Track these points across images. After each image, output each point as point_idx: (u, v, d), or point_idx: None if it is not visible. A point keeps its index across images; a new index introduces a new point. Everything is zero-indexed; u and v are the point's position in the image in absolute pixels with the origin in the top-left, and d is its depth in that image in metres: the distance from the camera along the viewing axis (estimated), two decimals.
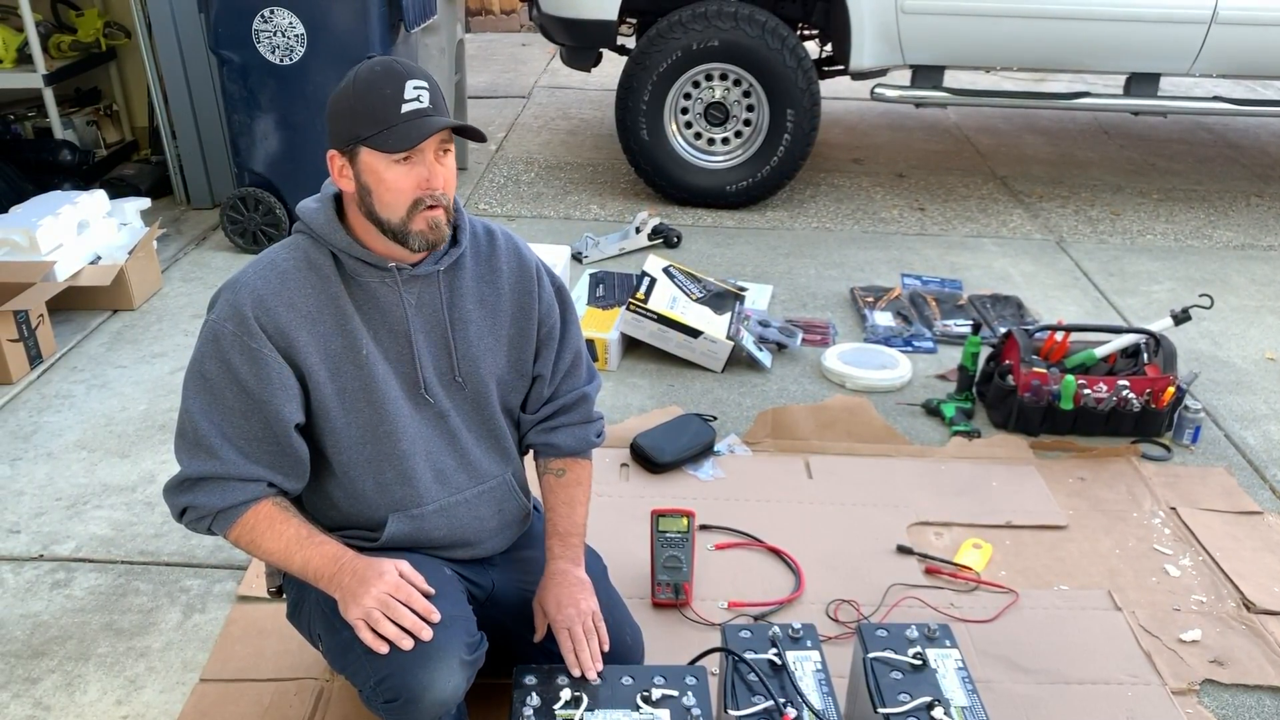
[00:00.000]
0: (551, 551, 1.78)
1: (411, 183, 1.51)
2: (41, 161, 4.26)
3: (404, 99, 1.48)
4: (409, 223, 1.53)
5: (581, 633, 1.66)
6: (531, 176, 4.99)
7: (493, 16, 8.51)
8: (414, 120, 1.48)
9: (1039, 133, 5.95)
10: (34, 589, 2.26)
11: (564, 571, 1.75)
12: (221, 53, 3.69)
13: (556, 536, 1.79)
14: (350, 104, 1.50)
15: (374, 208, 1.53)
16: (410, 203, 1.52)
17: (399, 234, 1.54)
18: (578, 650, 1.65)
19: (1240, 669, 2.11)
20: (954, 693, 1.59)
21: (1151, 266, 4.16)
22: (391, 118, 1.48)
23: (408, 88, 1.48)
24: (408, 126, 1.48)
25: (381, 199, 1.52)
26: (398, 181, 1.51)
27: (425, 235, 1.54)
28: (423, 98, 1.49)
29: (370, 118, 1.48)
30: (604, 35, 4.48)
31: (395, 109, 1.48)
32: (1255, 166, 5.44)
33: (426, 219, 1.53)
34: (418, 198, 1.52)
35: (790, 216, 4.56)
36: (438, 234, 1.55)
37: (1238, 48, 4.31)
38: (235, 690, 1.98)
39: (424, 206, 1.52)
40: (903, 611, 2.23)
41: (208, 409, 1.55)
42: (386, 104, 1.48)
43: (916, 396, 3.11)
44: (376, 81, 1.50)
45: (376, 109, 1.48)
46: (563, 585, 1.73)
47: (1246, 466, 2.82)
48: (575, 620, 1.68)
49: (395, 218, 1.53)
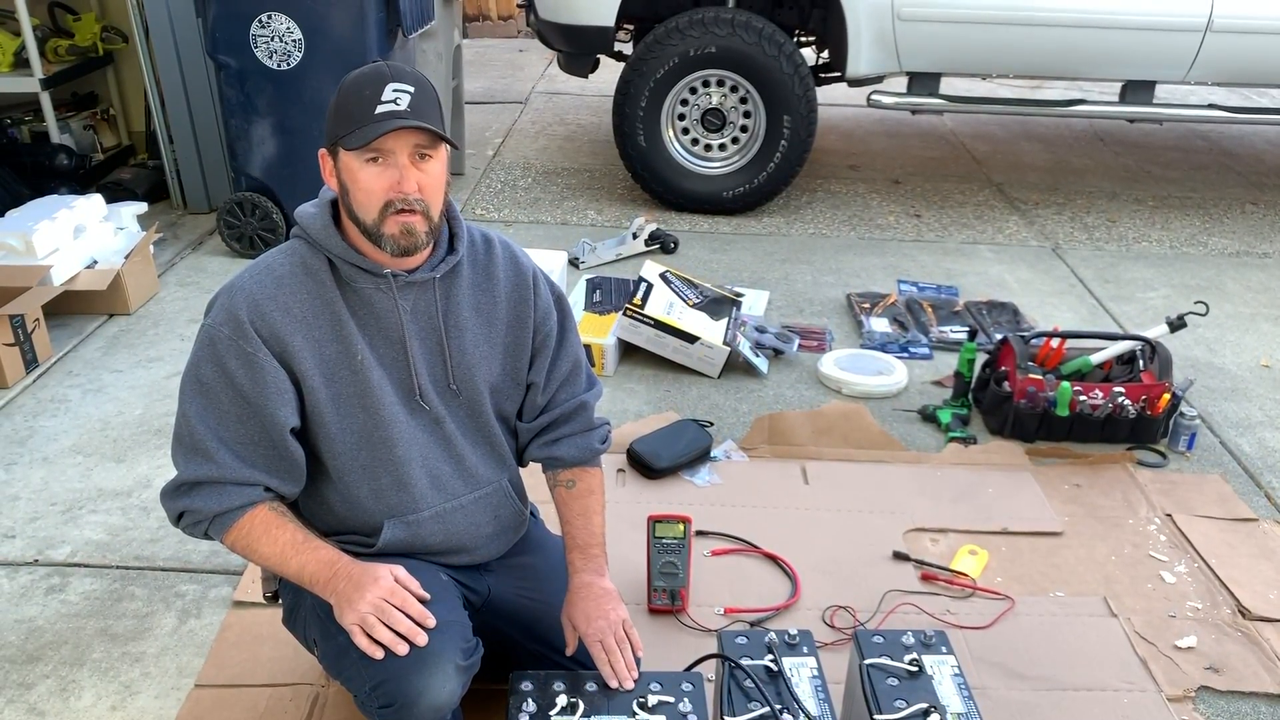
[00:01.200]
0: (573, 565, 1.78)
1: (383, 184, 1.51)
2: (38, 165, 4.25)
3: (380, 99, 1.48)
4: (381, 225, 1.52)
5: (614, 643, 1.66)
6: (528, 182, 4.99)
7: (490, 22, 8.52)
8: (382, 120, 1.47)
9: (1035, 140, 5.96)
10: (29, 594, 2.26)
11: (589, 584, 1.74)
12: (219, 57, 3.69)
13: (577, 550, 1.78)
14: (335, 103, 1.52)
15: (351, 207, 1.54)
16: (381, 204, 1.51)
17: (373, 236, 1.54)
18: (612, 661, 1.64)
19: (1236, 676, 2.11)
20: (950, 699, 1.59)
21: (1147, 273, 4.17)
22: (364, 117, 1.48)
23: (387, 90, 1.48)
24: (374, 125, 1.48)
25: (356, 199, 1.53)
26: (369, 182, 1.51)
27: (397, 239, 1.53)
28: (400, 100, 1.48)
29: (348, 117, 1.49)
30: (601, 41, 4.49)
31: (370, 109, 1.48)
32: (1250, 174, 5.46)
33: (398, 223, 1.52)
34: (388, 200, 1.51)
35: (787, 222, 4.57)
36: (410, 240, 1.53)
37: (1233, 55, 4.32)
38: (230, 696, 1.97)
39: (394, 210, 1.51)
40: (899, 618, 2.23)
41: (204, 413, 1.55)
42: (363, 104, 1.48)
43: (913, 403, 3.11)
44: (361, 82, 1.50)
45: (354, 108, 1.49)
46: (589, 598, 1.72)
47: (1242, 473, 2.83)
48: (607, 632, 1.67)
49: (369, 219, 1.53)
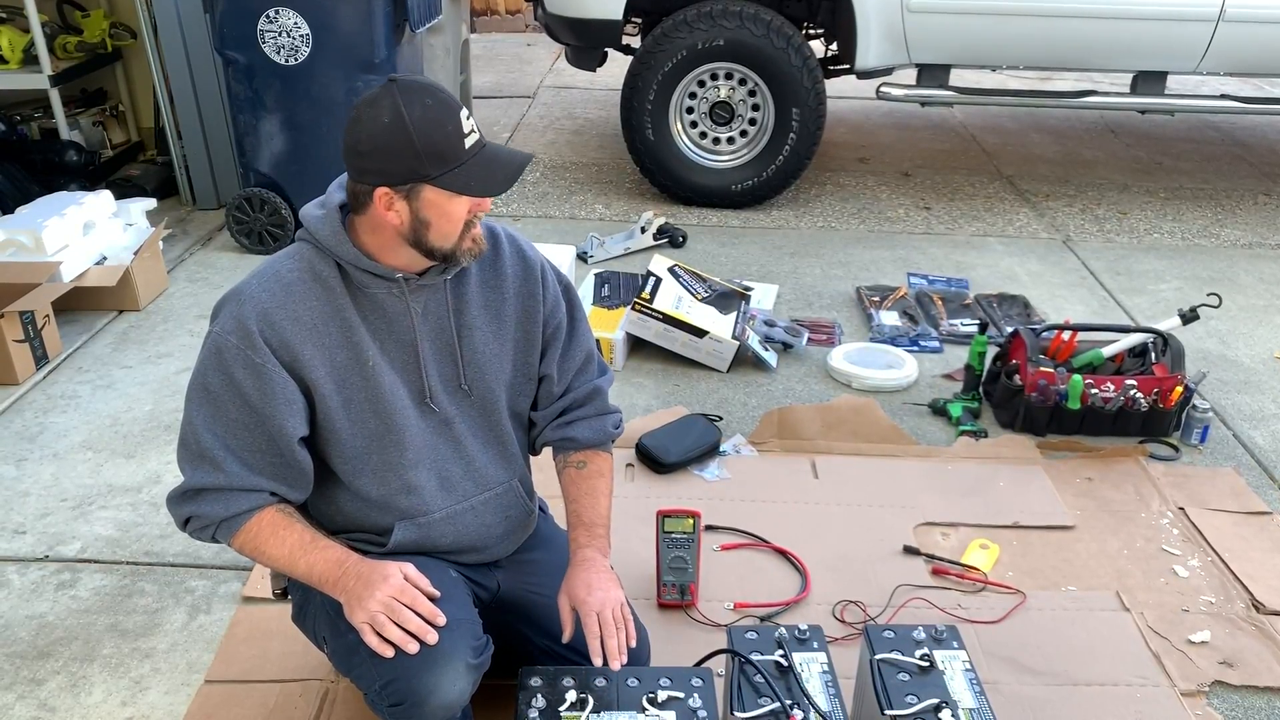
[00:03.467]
0: (576, 541, 1.74)
1: (466, 209, 1.52)
2: (48, 162, 4.26)
3: (464, 133, 1.48)
4: (460, 244, 1.54)
5: (611, 619, 1.62)
6: (537, 176, 4.98)
7: (498, 17, 8.51)
8: (478, 155, 1.49)
9: (1045, 132, 5.93)
10: (39, 590, 2.26)
11: (591, 559, 1.70)
12: (227, 53, 3.69)
13: (581, 527, 1.75)
14: (407, 142, 1.44)
15: (427, 239, 1.52)
16: (462, 227, 1.53)
17: (448, 257, 1.55)
18: (605, 636, 1.60)
19: (1250, 670, 2.10)
20: (961, 694, 1.58)
21: (1159, 265, 4.14)
22: (459, 155, 1.47)
23: (463, 121, 1.48)
24: (477, 165, 1.48)
25: (440, 230, 1.52)
26: (459, 211, 1.51)
27: (472, 250, 1.57)
28: (475, 126, 1.50)
29: (438, 157, 1.46)
30: (609, 35, 4.47)
31: (460, 145, 1.47)
32: (1263, 165, 5.42)
33: (473, 235, 1.55)
34: (468, 220, 1.53)
35: (795, 216, 4.55)
36: (479, 245, 1.57)
37: (1245, 46, 4.29)
38: (240, 691, 1.98)
39: (472, 226, 1.54)
40: (910, 613, 2.22)
41: (210, 421, 1.54)
42: (450, 140, 1.46)
43: (923, 396, 3.10)
44: (434, 117, 1.46)
45: (441, 147, 1.46)
46: (592, 570, 1.68)
47: (1255, 466, 2.81)
48: (606, 604, 1.63)
49: (449, 245, 1.54)
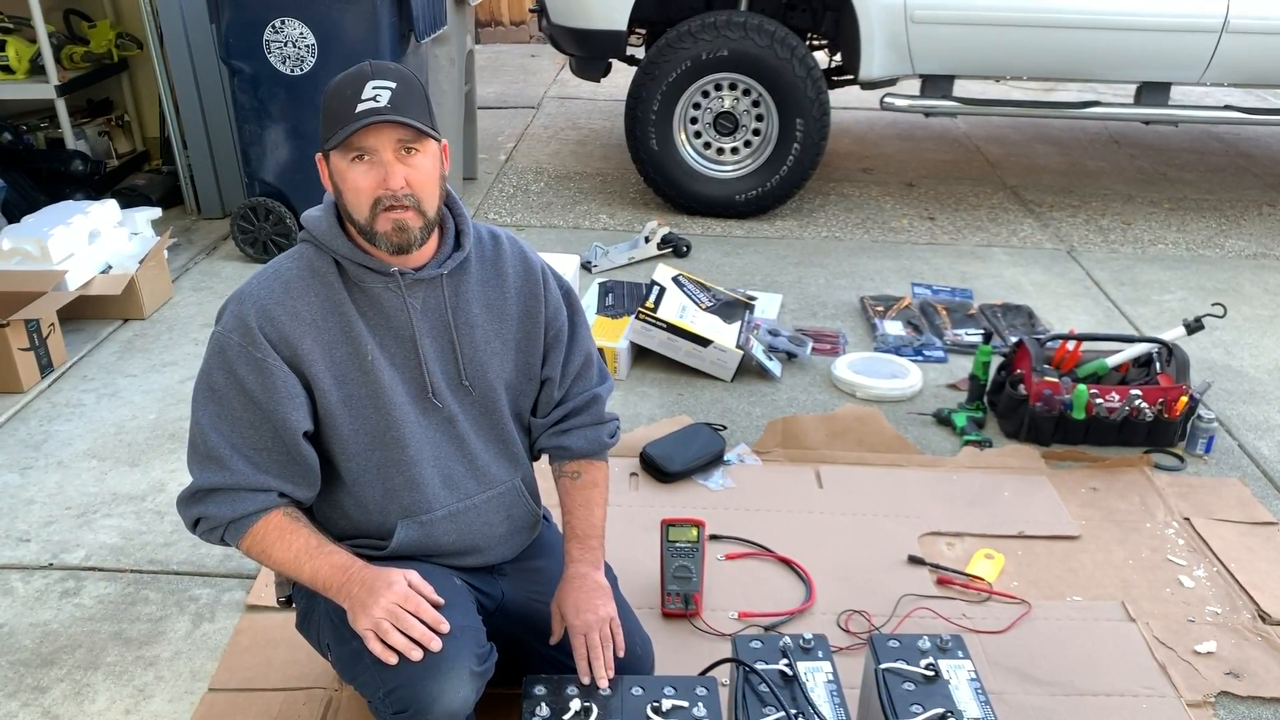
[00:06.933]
0: (570, 555, 1.77)
1: (370, 182, 1.50)
2: (53, 171, 4.28)
3: (360, 98, 1.47)
4: (373, 223, 1.53)
5: (598, 640, 1.65)
6: (541, 186, 4.99)
7: (502, 27, 8.55)
8: (362, 118, 1.47)
9: (1049, 142, 5.93)
10: (43, 598, 2.26)
11: (583, 575, 1.73)
12: (232, 63, 3.71)
13: (575, 540, 1.78)
14: (322, 106, 1.52)
15: (346, 208, 1.55)
16: (371, 202, 1.51)
17: (367, 235, 1.54)
18: (591, 658, 1.64)
19: (1256, 681, 2.09)
20: (967, 704, 1.58)
21: (1163, 276, 4.14)
22: (346, 118, 1.47)
23: (367, 88, 1.47)
24: (352, 123, 1.47)
25: (347, 199, 1.53)
26: (357, 181, 1.51)
27: (389, 236, 1.53)
28: (380, 97, 1.47)
29: (333, 119, 1.49)
30: (613, 45, 4.49)
31: (351, 109, 1.47)
32: (1267, 176, 5.42)
33: (389, 219, 1.52)
34: (377, 197, 1.51)
35: (800, 226, 4.56)
36: (403, 236, 1.53)
37: (1249, 56, 4.29)
38: (244, 700, 1.97)
39: (383, 207, 1.51)
40: (914, 622, 2.21)
41: (217, 420, 1.55)
42: (345, 104, 1.48)
43: (927, 406, 3.10)
44: (343, 83, 1.50)
45: (337, 110, 1.49)
46: (581, 590, 1.71)
47: (1261, 477, 2.80)
48: (593, 627, 1.67)
49: (361, 218, 1.53)
